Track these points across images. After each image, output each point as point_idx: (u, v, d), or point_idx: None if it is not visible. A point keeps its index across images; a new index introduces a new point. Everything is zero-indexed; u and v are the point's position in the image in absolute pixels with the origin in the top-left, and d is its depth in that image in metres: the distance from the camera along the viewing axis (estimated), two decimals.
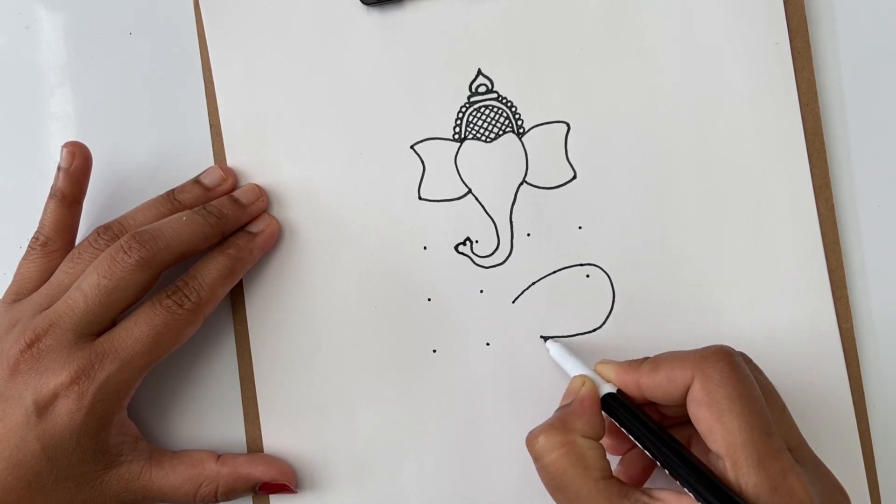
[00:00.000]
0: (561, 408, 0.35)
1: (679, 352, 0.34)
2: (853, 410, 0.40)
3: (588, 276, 0.41)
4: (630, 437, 0.34)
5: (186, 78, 0.43)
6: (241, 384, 0.42)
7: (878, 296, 0.41)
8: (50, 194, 0.40)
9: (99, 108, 0.44)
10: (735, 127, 0.41)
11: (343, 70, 0.42)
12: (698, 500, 0.30)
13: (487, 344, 0.41)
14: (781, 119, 0.41)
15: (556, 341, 0.40)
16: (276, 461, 0.40)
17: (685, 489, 0.31)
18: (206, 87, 0.43)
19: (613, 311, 0.41)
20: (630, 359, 0.36)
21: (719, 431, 0.30)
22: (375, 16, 0.42)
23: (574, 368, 0.38)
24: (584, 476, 0.32)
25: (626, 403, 0.35)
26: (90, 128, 0.44)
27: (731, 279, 0.40)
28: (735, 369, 0.32)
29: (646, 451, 0.34)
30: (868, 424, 0.40)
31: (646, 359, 0.35)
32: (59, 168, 0.40)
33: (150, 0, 0.44)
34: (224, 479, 0.39)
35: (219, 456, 0.40)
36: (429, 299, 0.41)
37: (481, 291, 0.41)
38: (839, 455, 0.40)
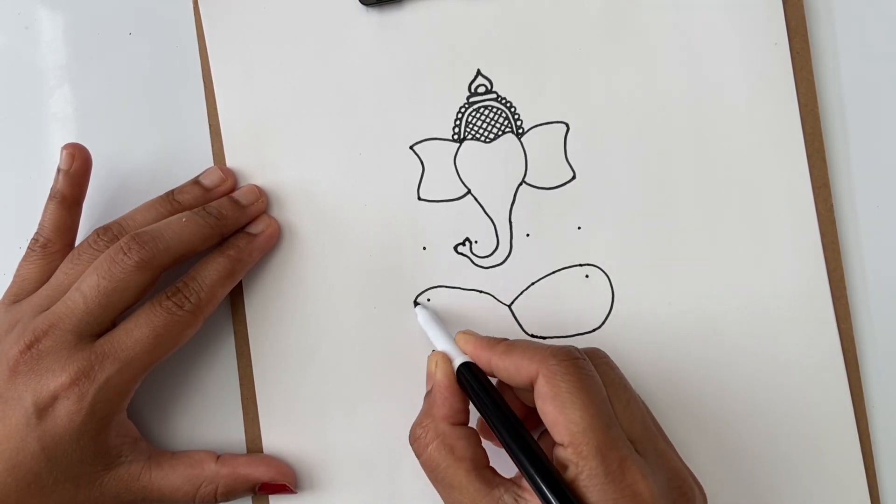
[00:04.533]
0: (426, 395, 0.37)
1: (532, 343, 0.35)
2: (853, 411, 0.40)
3: (587, 276, 0.41)
4: (478, 410, 0.35)
5: (186, 78, 0.43)
6: (241, 384, 0.42)
7: (877, 296, 0.41)
8: (50, 196, 0.40)
9: (98, 109, 0.44)
10: (734, 127, 0.41)
11: (342, 70, 0.42)
12: (527, 481, 0.32)
13: (428, 300, 0.41)
14: (780, 119, 0.41)
15: (425, 309, 0.40)
16: (275, 461, 0.40)
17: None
18: (205, 88, 0.43)
19: (612, 312, 0.41)
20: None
21: (562, 423, 0.32)
22: (374, 16, 0.42)
23: (436, 339, 0.38)
24: (455, 468, 0.34)
25: (477, 377, 0.36)
26: (90, 128, 0.44)
27: (730, 279, 0.40)
28: (577, 367, 0.33)
29: (490, 428, 0.34)
30: (868, 425, 0.40)
31: (504, 340, 0.36)
32: (58, 170, 0.40)
33: (150, 0, 0.44)
34: (223, 480, 0.39)
35: (218, 456, 0.40)
36: (428, 300, 0.41)
37: (481, 292, 0.41)
38: (839, 455, 0.40)
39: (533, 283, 0.41)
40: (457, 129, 0.42)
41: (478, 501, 0.33)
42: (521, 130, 0.42)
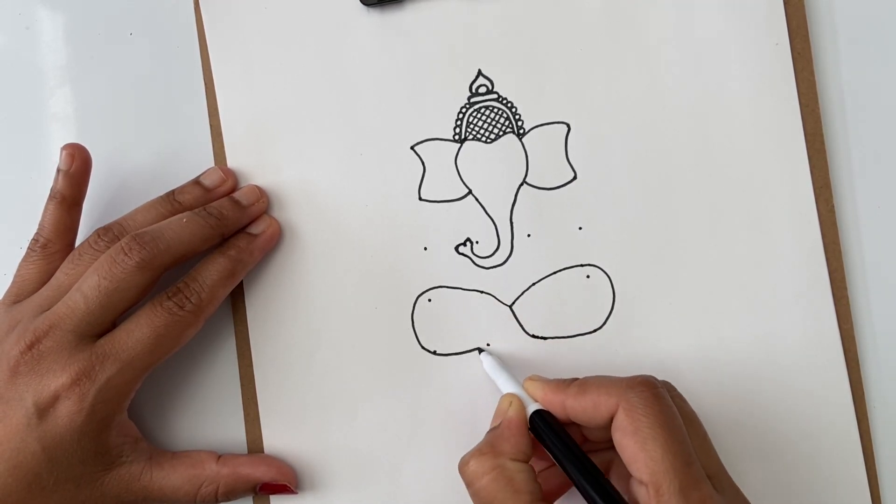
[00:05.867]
0: (490, 430, 0.36)
1: (605, 378, 0.34)
2: (853, 411, 0.40)
3: (588, 276, 0.41)
4: (551, 456, 0.35)
5: (186, 78, 0.43)
6: (242, 385, 0.42)
7: (878, 296, 0.41)
8: (49, 196, 0.40)
9: (99, 109, 0.44)
10: (735, 127, 0.41)
11: (343, 71, 0.42)
12: None
13: (487, 344, 0.41)
14: (781, 120, 0.41)
15: (489, 354, 0.40)
16: (276, 461, 0.40)
17: None
18: (206, 88, 0.43)
19: (613, 312, 0.41)
20: (564, 378, 0.36)
21: (643, 459, 0.31)
22: (375, 16, 0.42)
23: (505, 384, 0.38)
24: (513, 500, 0.32)
25: (551, 423, 0.35)
26: (90, 129, 0.44)
27: (731, 279, 0.40)
28: (658, 399, 0.32)
29: (567, 475, 0.34)
30: (868, 424, 0.40)
31: (574, 380, 0.35)
32: (58, 170, 0.40)
33: (150, 0, 0.44)
34: (224, 480, 0.39)
35: (219, 456, 0.40)
36: (429, 300, 0.41)
37: (482, 292, 0.41)
38: (839, 455, 0.40)
39: (534, 284, 0.41)
40: (458, 130, 0.42)
41: None
42: (522, 131, 0.42)
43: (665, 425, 0.31)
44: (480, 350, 0.41)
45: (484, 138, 0.42)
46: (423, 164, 0.42)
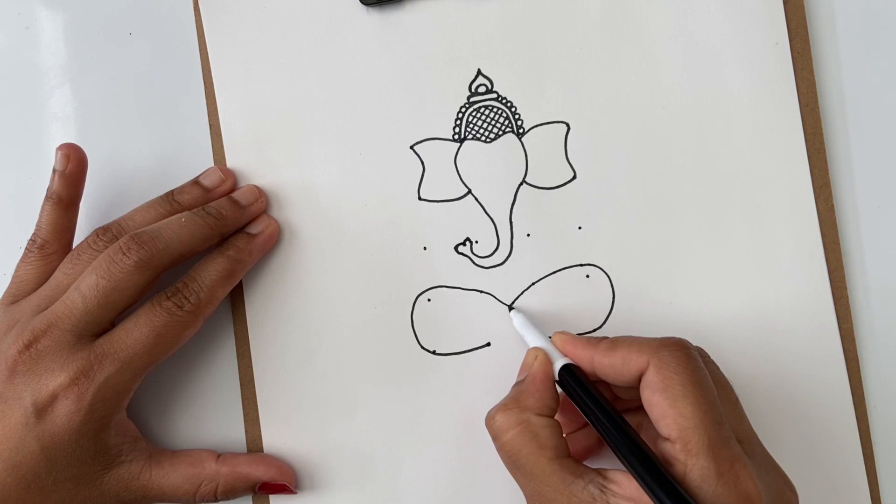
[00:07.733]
0: (516, 384, 0.36)
1: (637, 337, 0.34)
2: (853, 410, 0.40)
3: (588, 276, 0.41)
4: (580, 411, 0.34)
5: (186, 78, 0.43)
6: (241, 384, 0.42)
7: (877, 296, 0.41)
8: (46, 196, 0.40)
9: (98, 109, 0.44)
10: (735, 127, 0.41)
11: (343, 70, 0.42)
12: (639, 482, 0.31)
13: (488, 344, 0.41)
14: (781, 119, 0.41)
15: (519, 312, 0.40)
16: (275, 461, 0.40)
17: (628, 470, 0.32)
18: (205, 88, 0.43)
19: (613, 311, 0.41)
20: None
21: (672, 416, 0.31)
22: (375, 16, 0.42)
23: (533, 339, 0.38)
24: (538, 455, 0.33)
25: (580, 378, 0.35)
26: (90, 128, 0.44)
27: (731, 279, 0.40)
28: (690, 359, 0.32)
29: (594, 428, 0.34)
30: (868, 424, 0.40)
31: (604, 338, 0.35)
32: (54, 170, 0.40)
33: (149, 0, 0.44)
34: (224, 479, 0.39)
35: (219, 455, 0.40)
36: (429, 300, 0.41)
37: (481, 292, 0.41)
38: (839, 455, 0.40)
39: (533, 283, 0.41)
40: (457, 129, 0.42)
41: (561, 490, 0.32)
42: (521, 130, 0.42)
43: (696, 384, 0.31)
44: (511, 307, 0.41)
45: (483, 138, 0.42)
46: (422, 163, 0.42)
